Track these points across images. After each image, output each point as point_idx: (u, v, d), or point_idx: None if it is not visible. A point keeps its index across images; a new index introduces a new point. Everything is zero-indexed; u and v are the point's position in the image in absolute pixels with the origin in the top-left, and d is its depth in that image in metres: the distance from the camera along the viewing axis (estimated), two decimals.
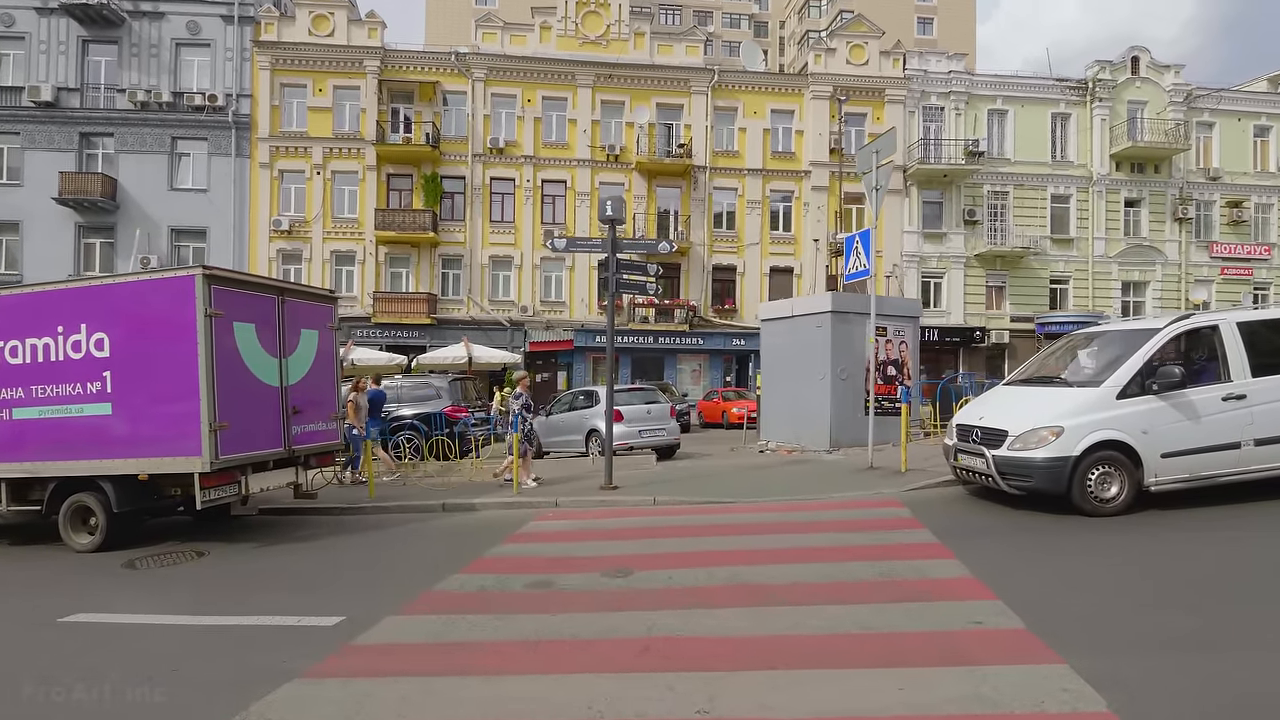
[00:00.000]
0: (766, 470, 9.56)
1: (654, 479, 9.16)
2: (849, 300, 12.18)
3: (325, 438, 7.74)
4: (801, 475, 8.99)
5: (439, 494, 8.29)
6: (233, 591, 5.16)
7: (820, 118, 27.66)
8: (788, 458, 11.26)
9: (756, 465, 10.20)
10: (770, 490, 7.99)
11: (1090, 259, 29.33)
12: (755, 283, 27.60)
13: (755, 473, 9.38)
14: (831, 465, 9.75)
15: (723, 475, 9.36)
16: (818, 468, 9.61)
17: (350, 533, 6.99)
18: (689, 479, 9.09)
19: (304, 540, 6.71)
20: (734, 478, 9.07)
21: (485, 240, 26.32)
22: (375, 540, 6.59)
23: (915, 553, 5.22)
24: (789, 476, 8.95)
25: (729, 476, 9.20)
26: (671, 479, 9.11)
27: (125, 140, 25.29)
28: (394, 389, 12.04)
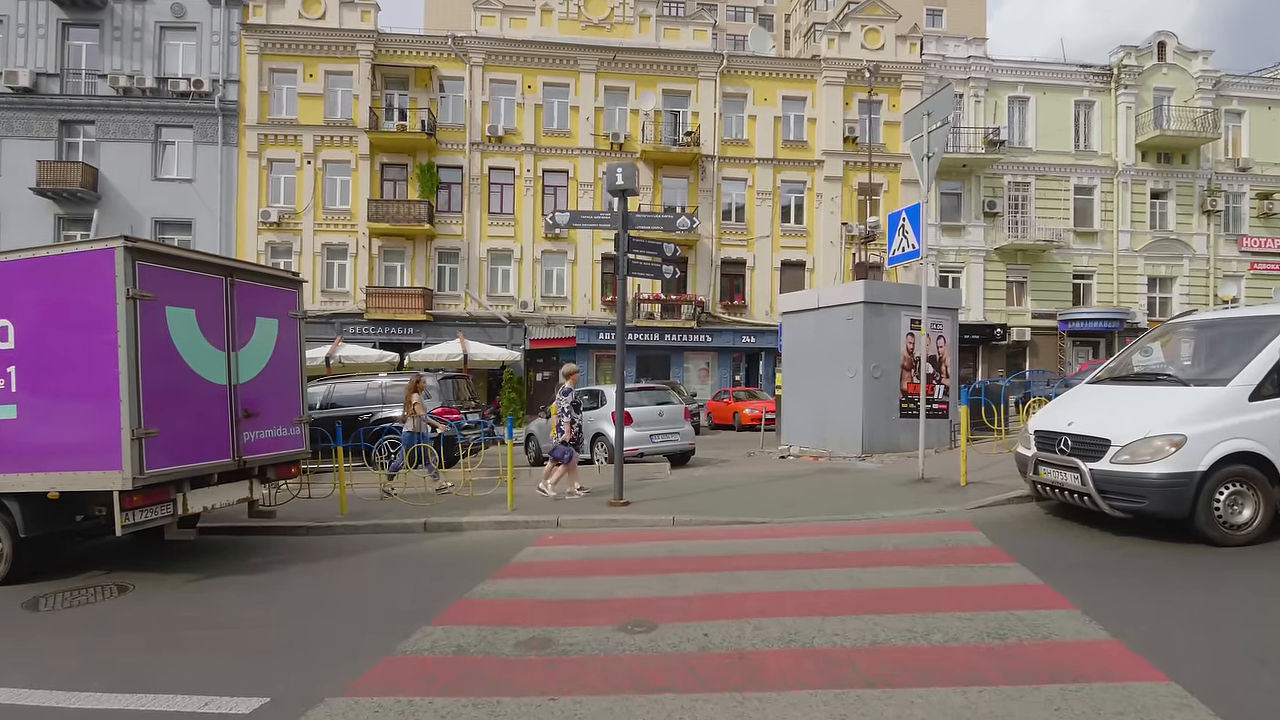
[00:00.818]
0: (797, 481, 8.38)
1: (669, 492, 8.00)
2: (883, 289, 11.01)
3: (286, 445, 6.57)
4: (841, 488, 7.81)
5: (421, 510, 7.12)
6: (139, 649, 4.00)
7: (834, 105, 26.47)
8: (815, 465, 10.08)
9: (783, 475, 9.03)
10: (808, 507, 6.82)
11: (1115, 253, 28.11)
12: (766, 277, 26.42)
13: (785, 484, 8.20)
14: (872, 476, 8.56)
15: (748, 487, 8.18)
16: (856, 479, 8.42)
17: (309, 561, 5.82)
18: (709, 492, 7.93)
19: (251, 572, 5.54)
20: (762, 490, 7.90)
21: (483, 233, 25.17)
22: (336, 572, 5.43)
23: (1021, 599, 4.04)
24: (826, 489, 7.78)
25: (756, 489, 8.03)
26: (689, 491, 7.95)
27: (107, 128, 24.17)
28: (376, 389, 10.88)
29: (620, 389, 7.17)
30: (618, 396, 7.19)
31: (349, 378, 11.72)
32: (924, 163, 7.67)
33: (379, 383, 11.00)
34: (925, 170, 7.68)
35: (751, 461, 11.46)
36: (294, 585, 5.13)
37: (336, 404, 10.91)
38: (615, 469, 7.18)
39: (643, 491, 8.00)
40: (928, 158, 7.63)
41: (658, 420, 10.35)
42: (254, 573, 5.55)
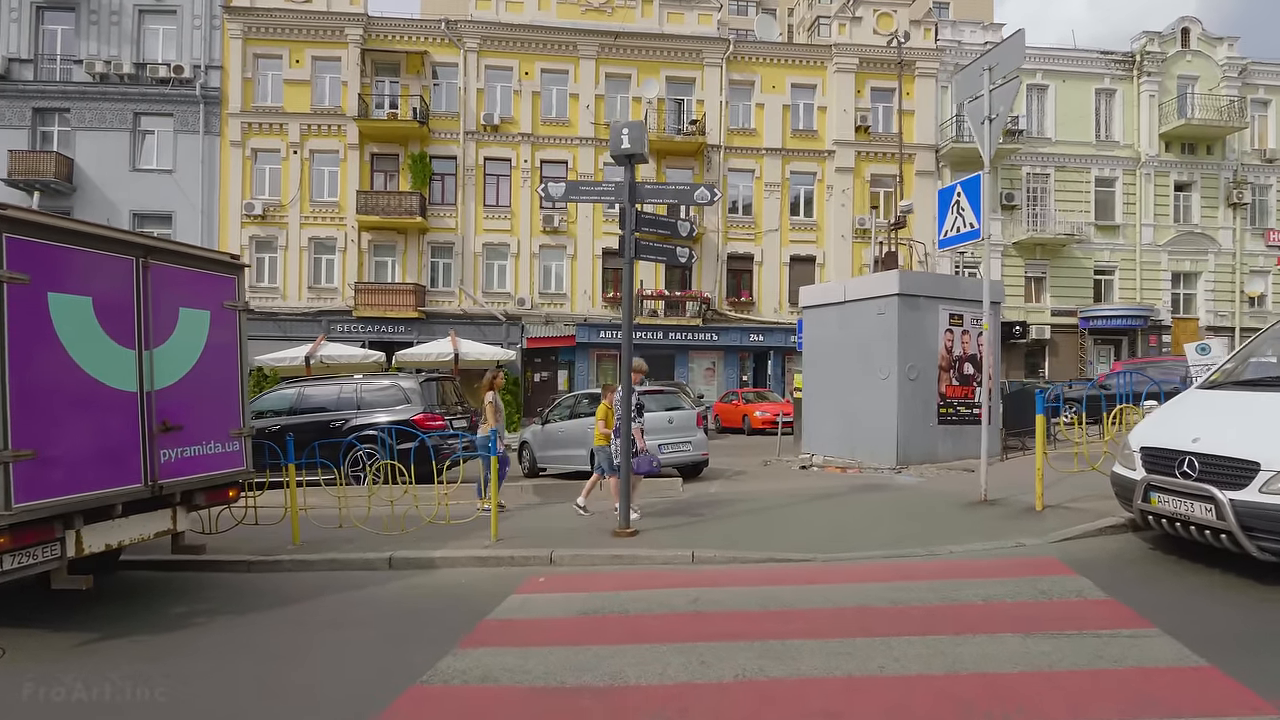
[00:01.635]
0: (833, 502, 7.20)
1: (683, 514, 6.83)
2: (919, 280, 9.86)
3: (220, 464, 5.40)
4: (887, 511, 6.64)
5: (388, 541, 5.93)
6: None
7: (845, 93, 25.28)
8: (846, 480, 8.91)
9: (813, 492, 7.85)
10: (855, 537, 5.65)
11: (1138, 247, 26.95)
12: (774, 273, 25.25)
13: (819, 506, 7.02)
14: (919, 495, 7.39)
15: (776, 509, 7.01)
16: (902, 499, 7.25)
17: (241, 610, 4.66)
18: (732, 515, 6.76)
19: (163, 628, 4.37)
20: (794, 514, 6.73)
21: (478, 226, 24.00)
22: (268, 632, 4.26)
23: (1196, 696, 2.86)
24: (870, 512, 6.61)
25: (786, 512, 6.85)
26: (708, 514, 6.77)
27: (83, 116, 23.02)
28: (352, 392, 9.70)
29: (627, 395, 5.99)
30: (624, 403, 6.02)
31: (323, 379, 10.54)
32: (985, 127, 6.49)
33: (354, 384, 9.81)
34: (986, 137, 6.50)
35: (770, 473, 10.28)
36: (207, 653, 3.95)
37: (306, 409, 9.72)
38: (620, 490, 6.00)
39: (652, 515, 6.82)
40: (990, 120, 6.45)
41: (667, 428, 9.16)
42: (166, 629, 4.38)
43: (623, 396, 6.00)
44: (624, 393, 6.01)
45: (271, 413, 9.93)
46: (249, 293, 22.84)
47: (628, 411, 5.99)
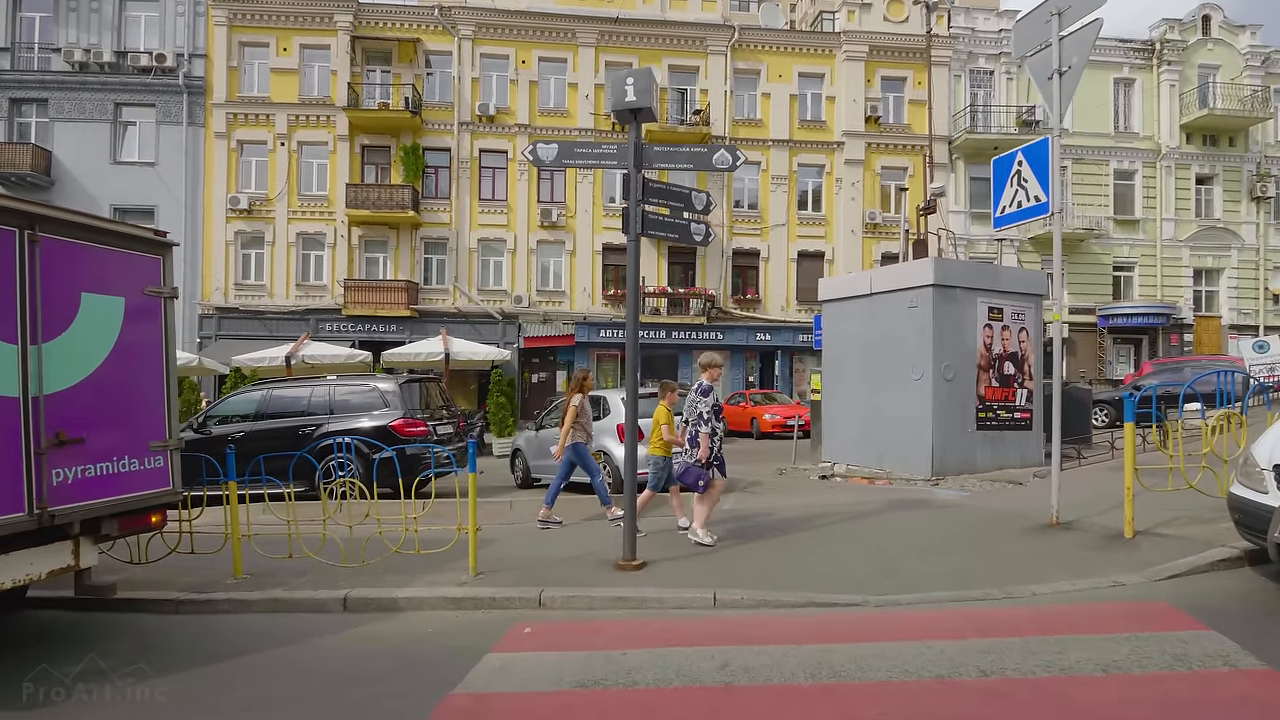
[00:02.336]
0: (870, 522, 6.22)
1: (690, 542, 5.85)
2: (957, 269, 8.90)
3: (137, 484, 4.43)
4: (936, 534, 5.67)
5: (346, 575, 4.95)
6: None
7: (854, 82, 24.31)
8: (874, 491, 7.94)
9: (844, 508, 6.87)
10: (909, 571, 4.68)
11: (1158, 242, 25.96)
12: (781, 269, 24.27)
13: (855, 528, 6.05)
14: (970, 514, 6.41)
15: (803, 529, 6.05)
16: (949, 517, 6.27)
17: (134, 676, 3.66)
18: (756, 539, 5.80)
19: (7, 709, 3.38)
20: (826, 537, 5.76)
21: (473, 221, 23.03)
22: (171, 711, 3.28)
23: None
24: (918, 536, 5.63)
25: (816, 534, 5.88)
26: (726, 541, 5.79)
27: (61, 107, 22.06)
28: (323, 394, 8.73)
29: (633, 398, 5.02)
30: (629, 409, 5.04)
31: (294, 380, 9.56)
32: (1054, 82, 5.52)
33: (327, 387, 8.83)
34: (1057, 94, 5.54)
35: (788, 484, 9.31)
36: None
37: (273, 413, 8.75)
38: (626, 511, 5.01)
39: (661, 538, 5.85)
40: (1060, 74, 5.48)
41: None
42: (38, 702, 3.40)
43: (628, 400, 5.03)
44: (629, 393, 5.03)
45: (238, 417, 8.97)
46: (234, 290, 22.19)
47: (633, 414, 5.01)
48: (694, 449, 5.65)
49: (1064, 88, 5.51)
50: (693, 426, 5.68)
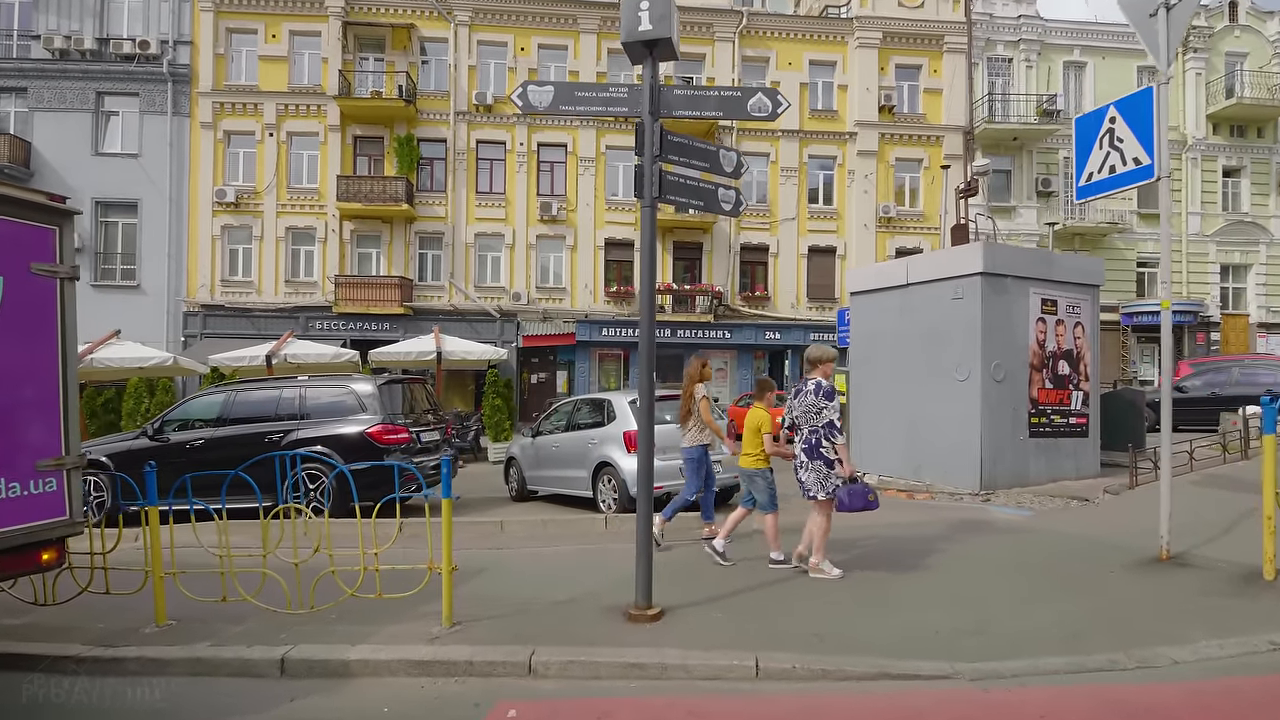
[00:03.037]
0: (928, 551, 5.24)
1: (723, 576, 4.88)
2: (1009, 257, 7.90)
3: (18, 514, 3.46)
4: (1015, 567, 4.71)
5: (291, 624, 3.97)
6: None
7: (868, 70, 23.31)
8: (916, 508, 6.96)
9: (894, 533, 5.89)
10: (1001, 624, 3.71)
11: (1184, 237, 24.93)
12: (791, 265, 23.27)
13: (912, 557, 5.06)
14: (1044, 539, 5.42)
15: (852, 565, 5.06)
16: (1024, 545, 5.29)
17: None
18: (794, 575, 4.79)
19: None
20: (883, 575, 4.78)
21: (470, 215, 22.07)
22: None
23: None
24: (995, 572, 4.67)
25: (869, 570, 4.90)
26: (759, 576, 4.81)
27: (41, 96, 21.14)
28: (293, 396, 7.76)
29: (648, 400, 4.03)
30: (643, 414, 4.06)
31: (263, 381, 8.59)
32: (1161, 18, 4.54)
33: (297, 388, 7.86)
34: (1164, 31, 4.56)
35: None
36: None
37: (237, 418, 7.78)
38: (638, 543, 4.03)
39: (679, 575, 4.87)
40: (1168, 8, 4.50)
41: None
42: None
43: (642, 403, 4.04)
44: (642, 393, 4.05)
45: (200, 422, 8.00)
46: (220, 287, 21.24)
47: (649, 419, 4.02)
48: (812, 460, 4.71)
49: (1172, 26, 4.52)
50: (814, 435, 4.74)
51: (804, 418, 4.83)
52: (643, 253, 3.89)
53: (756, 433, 5.16)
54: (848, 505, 4.66)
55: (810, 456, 4.76)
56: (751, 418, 5.24)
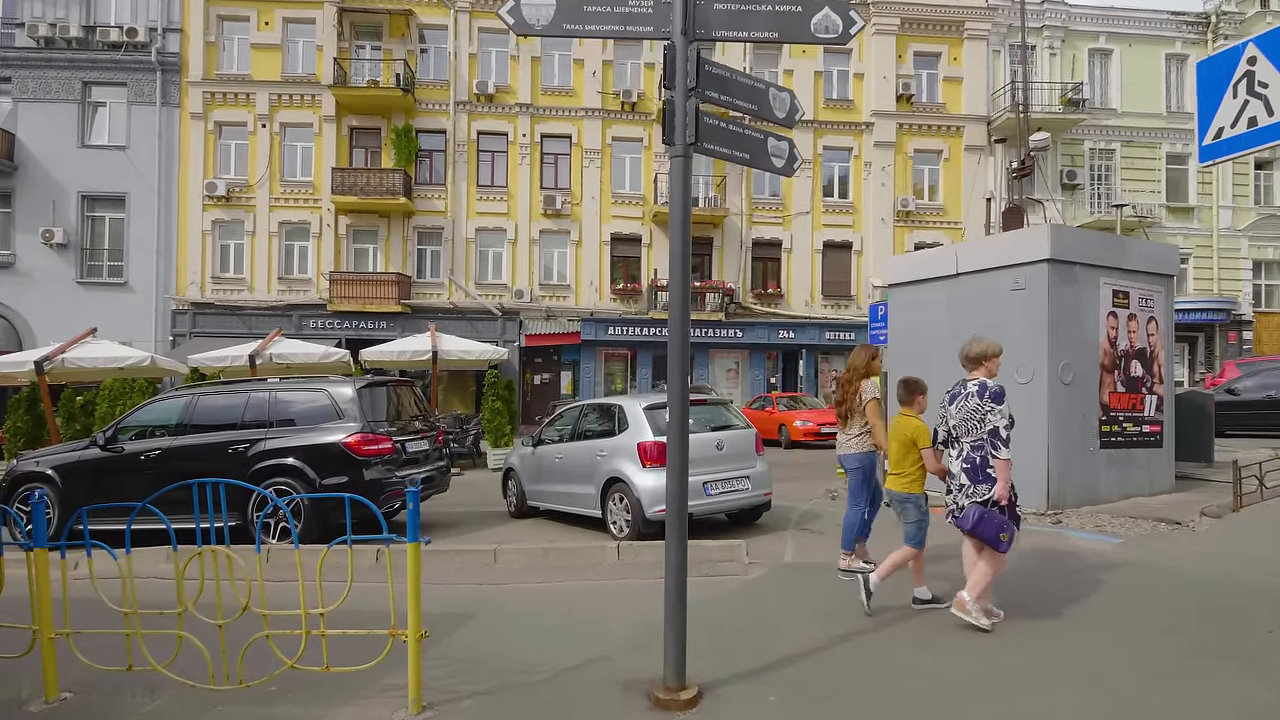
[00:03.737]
0: (1021, 594, 4.28)
1: (764, 630, 3.93)
2: (1078, 242, 6.94)
3: None
4: (1138, 617, 3.73)
5: (213, 704, 3.05)
6: None
7: (885, 58, 22.34)
8: None
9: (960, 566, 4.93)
10: (1152, 709, 2.74)
11: (1215, 232, 23.88)
12: (805, 261, 22.31)
13: (1003, 605, 4.09)
14: (1149, 575, 4.46)
15: (919, 611, 4.11)
16: (1130, 585, 4.33)
17: None
18: (853, 632, 3.85)
19: None
20: (964, 627, 3.81)
21: (470, 209, 21.18)
22: None
23: None
24: (1112, 623, 3.71)
25: (946, 620, 3.94)
26: (813, 631, 3.85)
27: (25, 86, 20.35)
28: (261, 401, 6.84)
29: (682, 407, 3.09)
30: (671, 416, 3.12)
31: (230, 384, 7.68)
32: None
33: (267, 391, 6.94)
34: None
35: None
36: None
37: (199, 425, 6.88)
38: (668, 601, 3.08)
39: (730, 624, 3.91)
40: None
41: (716, 457, 6.19)
42: None
43: (674, 410, 3.11)
44: (674, 396, 3.12)
45: (159, 429, 7.10)
46: (210, 284, 20.35)
47: (683, 428, 3.09)
48: (978, 483, 3.77)
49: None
50: (979, 451, 3.78)
51: (965, 427, 3.84)
52: (673, 218, 2.96)
53: (910, 447, 4.14)
54: (971, 526, 3.72)
55: (975, 478, 3.79)
56: (902, 428, 4.20)
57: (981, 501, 3.74)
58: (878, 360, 5.19)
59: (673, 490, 3.05)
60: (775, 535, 6.43)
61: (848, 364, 5.21)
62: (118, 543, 3.15)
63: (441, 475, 7.57)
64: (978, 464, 3.79)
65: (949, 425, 3.98)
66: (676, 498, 3.05)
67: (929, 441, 4.12)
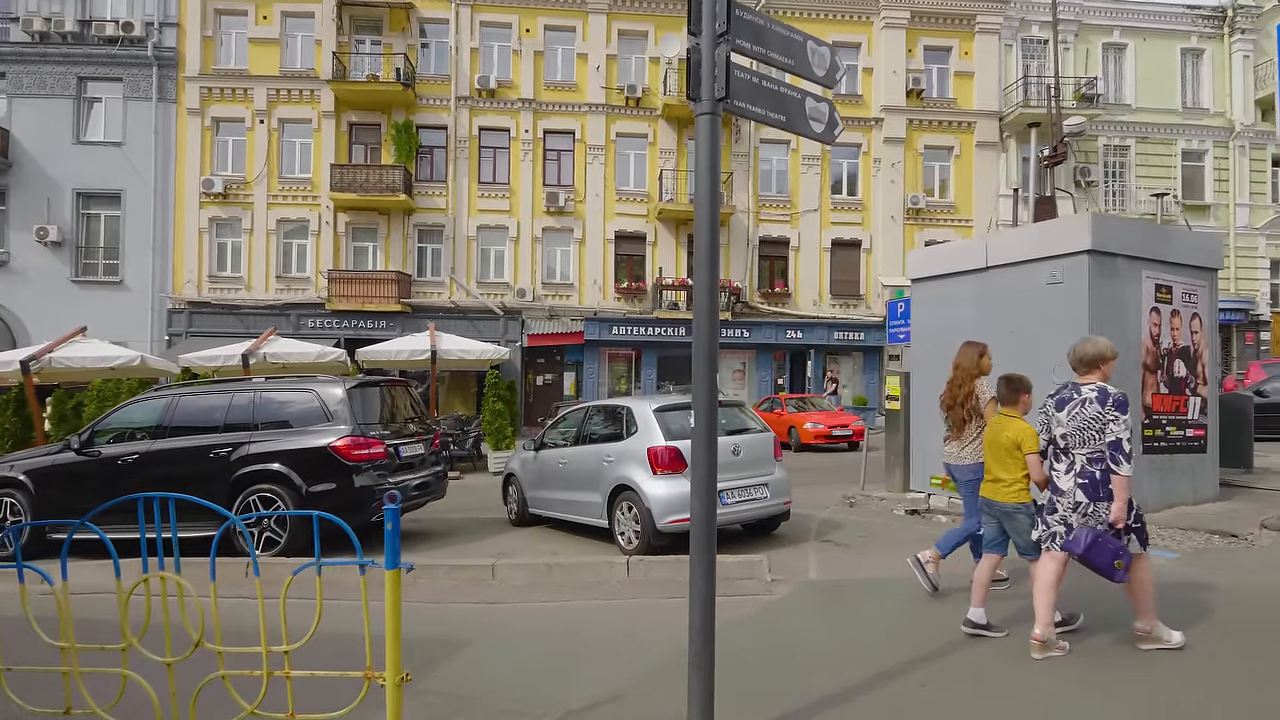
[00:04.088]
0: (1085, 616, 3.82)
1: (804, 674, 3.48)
2: (1121, 232, 6.48)
3: None
4: (1231, 649, 3.29)
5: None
6: None
7: (895, 52, 21.89)
8: None
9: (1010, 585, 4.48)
10: None
11: (1231, 230, 23.34)
12: (813, 260, 21.85)
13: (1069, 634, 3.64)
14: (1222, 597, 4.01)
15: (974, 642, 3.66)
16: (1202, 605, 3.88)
17: None
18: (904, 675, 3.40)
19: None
20: (1029, 673, 3.36)
21: (472, 206, 20.78)
22: None
23: None
24: (1207, 658, 3.24)
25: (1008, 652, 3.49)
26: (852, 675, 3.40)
27: (20, 81, 20.02)
28: (245, 402, 6.42)
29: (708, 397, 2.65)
30: (698, 415, 2.69)
31: (214, 384, 7.27)
32: None
33: (250, 392, 6.52)
34: None
35: (874, 523, 6.94)
36: None
37: (179, 428, 6.46)
38: (693, 638, 2.64)
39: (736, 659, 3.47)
40: None
41: (733, 463, 5.71)
42: None
43: (701, 414, 2.67)
44: (701, 394, 2.68)
45: (138, 432, 6.68)
46: (207, 283, 19.95)
47: (710, 423, 2.65)
48: (1098, 500, 3.33)
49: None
50: (1098, 463, 3.36)
51: (1080, 437, 3.40)
52: (699, 188, 2.52)
53: (1013, 452, 3.68)
54: (1083, 550, 3.26)
55: (1093, 495, 3.35)
56: (1007, 431, 3.72)
57: (1097, 524, 3.29)
58: (987, 357, 4.65)
59: (699, 513, 2.62)
60: (796, 548, 5.98)
61: (954, 364, 4.65)
62: (95, 553, 2.72)
63: (438, 481, 7.14)
64: (1098, 479, 3.33)
65: (1055, 434, 3.53)
66: (704, 523, 2.61)
67: (1036, 446, 3.64)
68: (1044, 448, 3.62)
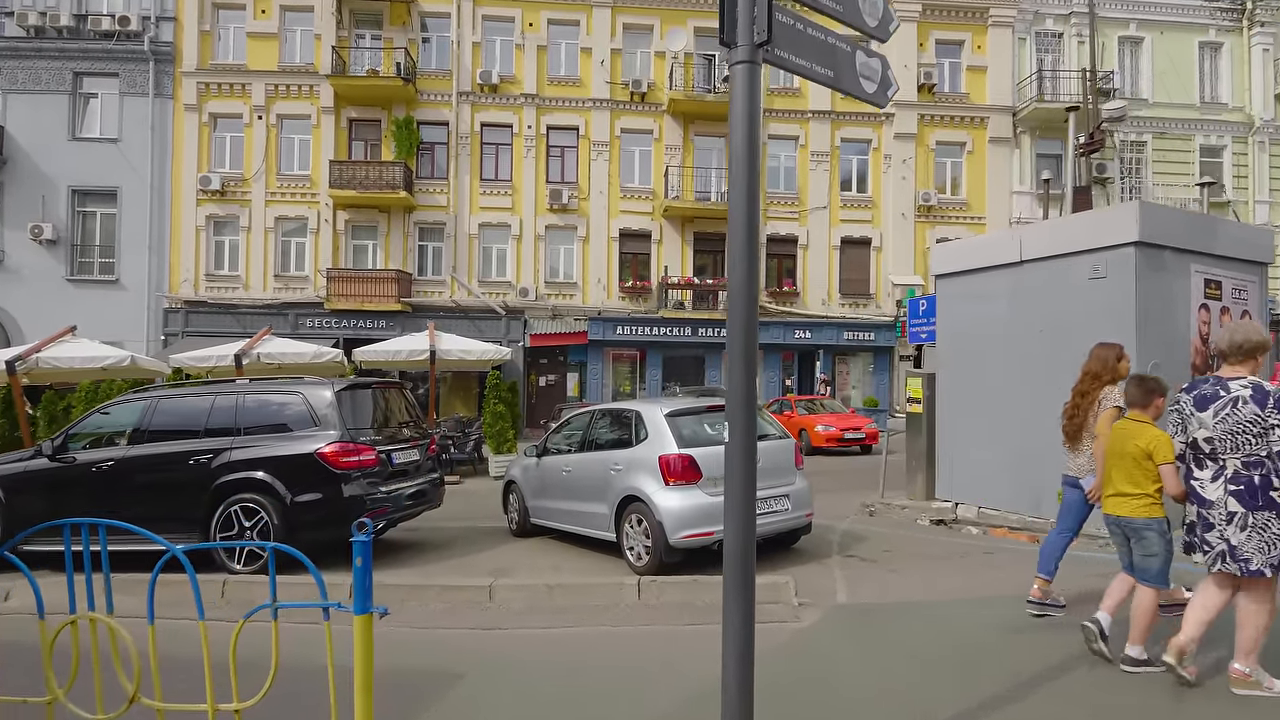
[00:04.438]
0: None
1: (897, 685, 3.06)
2: (1169, 222, 6.01)
3: None
4: None
5: None
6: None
7: (906, 46, 21.38)
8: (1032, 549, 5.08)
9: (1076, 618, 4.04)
10: None
11: None
12: (822, 258, 21.39)
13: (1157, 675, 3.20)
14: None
15: (1054, 674, 3.22)
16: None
17: None
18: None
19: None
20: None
21: (474, 204, 20.37)
22: None
23: None
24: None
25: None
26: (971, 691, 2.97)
27: (14, 77, 19.69)
28: (229, 405, 6.00)
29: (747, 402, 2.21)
30: (730, 410, 2.26)
31: (196, 385, 6.86)
32: None
33: (234, 395, 6.11)
34: None
35: (898, 536, 6.49)
36: None
37: (158, 432, 6.04)
38: (726, 690, 2.20)
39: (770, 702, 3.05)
40: None
41: None
42: None
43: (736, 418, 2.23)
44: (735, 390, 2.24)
45: (116, 435, 6.27)
46: (204, 281, 19.52)
47: (750, 444, 2.21)
48: (1256, 510, 2.93)
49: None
50: (1256, 469, 2.95)
51: (1232, 441, 2.99)
52: (734, 150, 2.09)
53: (1143, 461, 3.24)
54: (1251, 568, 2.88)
55: (1251, 503, 2.92)
56: (1138, 438, 3.28)
57: (1238, 544, 2.87)
58: (1125, 361, 4.10)
59: (734, 548, 2.16)
60: (820, 564, 5.54)
61: (1085, 369, 4.10)
62: None
63: (434, 489, 6.71)
64: (1256, 485, 2.90)
65: (1197, 437, 3.09)
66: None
67: (1171, 455, 3.19)
68: (1180, 453, 3.17)
